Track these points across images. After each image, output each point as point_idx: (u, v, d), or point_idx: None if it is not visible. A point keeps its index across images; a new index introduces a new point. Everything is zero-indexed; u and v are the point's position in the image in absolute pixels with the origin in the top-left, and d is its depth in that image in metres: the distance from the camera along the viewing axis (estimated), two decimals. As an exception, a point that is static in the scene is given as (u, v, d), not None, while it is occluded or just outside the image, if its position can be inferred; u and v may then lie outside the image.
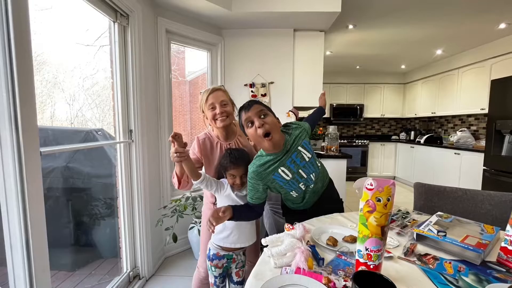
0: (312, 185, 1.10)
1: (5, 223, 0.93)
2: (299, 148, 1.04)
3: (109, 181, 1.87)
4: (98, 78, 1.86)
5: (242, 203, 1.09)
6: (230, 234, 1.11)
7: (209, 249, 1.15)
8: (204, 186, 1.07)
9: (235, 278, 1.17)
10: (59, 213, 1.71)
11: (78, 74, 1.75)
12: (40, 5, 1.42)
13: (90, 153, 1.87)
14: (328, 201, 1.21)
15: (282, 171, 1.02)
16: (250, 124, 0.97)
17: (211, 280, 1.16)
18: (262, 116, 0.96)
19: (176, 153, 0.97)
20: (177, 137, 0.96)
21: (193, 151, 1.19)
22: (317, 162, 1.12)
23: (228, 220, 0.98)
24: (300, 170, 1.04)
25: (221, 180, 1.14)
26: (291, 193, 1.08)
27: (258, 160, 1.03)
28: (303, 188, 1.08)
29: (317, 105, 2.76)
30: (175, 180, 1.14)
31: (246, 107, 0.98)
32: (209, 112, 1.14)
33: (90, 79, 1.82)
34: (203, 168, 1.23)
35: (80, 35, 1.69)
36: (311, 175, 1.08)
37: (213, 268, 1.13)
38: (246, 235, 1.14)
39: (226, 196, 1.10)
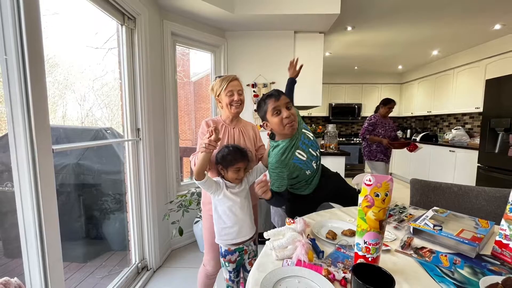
0: (319, 162, 1.26)
1: (20, 217, 0.96)
2: (303, 130, 1.19)
3: (118, 177, 1.93)
4: (107, 79, 1.91)
5: (238, 200, 1.13)
6: (230, 231, 1.14)
7: (220, 247, 1.18)
8: (207, 187, 1.10)
9: (248, 268, 1.21)
10: (71, 207, 1.77)
11: (88, 75, 1.81)
12: (52, 10, 1.47)
13: (100, 150, 1.93)
14: (329, 179, 1.35)
15: (299, 153, 1.15)
16: (277, 113, 1.06)
17: (226, 275, 1.19)
18: (289, 107, 1.07)
19: (209, 143, 1.00)
20: (217, 130, 1.03)
21: (203, 131, 1.24)
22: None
23: (268, 200, 1.09)
24: (310, 149, 1.18)
25: (217, 181, 1.15)
26: (306, 172, 1.19)
27: (277, 149, 1.12)
28: (315, 167, 1.22)
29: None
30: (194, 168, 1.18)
31: (276, 96, 1.07)
32: (226, 97, 1.23)
33: (99, 81, 1.88)
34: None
35: (89, 39, 1.74)
36: (317, 152, 1.22)
37: (226, 263, 1.16)
38: (246, 229, 1.16)
39: (224, 196, 1.13)
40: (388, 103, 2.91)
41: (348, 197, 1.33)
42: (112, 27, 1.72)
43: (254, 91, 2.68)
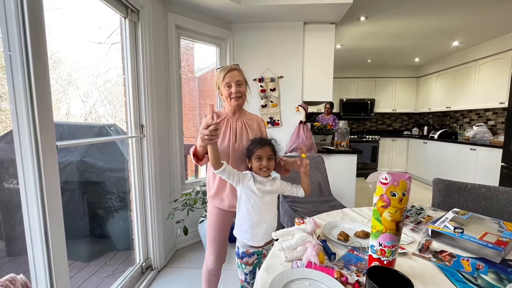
0: None
1: (25, 214, 0.96)
2: None
3: (122, 175, 1.91)
4: (110, 75, 1.89)
5: (263, 198, 1.07)
6: (245, 232, 1.10)
7: (238, 248, 1.14)
8: (226, 176, 1.05)
9: None
10: (74, 205, 1.77)
11: (91, 71, 1.79)
12: (54, 5, 1.44)
13: (104, 148, 1.92)
14: None
15: None
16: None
17: (241, 277, 1.15)
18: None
19: (209, 133, 0.94)
20: (213, 117, 0.96)
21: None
22: None
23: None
24: None
25: (244, 172, 1.11)
26: None
27: None
28: None
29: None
30: (194, 159, 1.14)
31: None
32: (225, 90, 1.19)
33: (102, 76, 1.86)
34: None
35: (92, 33, 1.71)
36: None
37: (243, 265, 1.12)
38: (260, 237, 1.10)
39: (247, 188, 1.07)
40: None
41: None
42: (115, 21, 1.68)
43: (261, 86, 2.59)
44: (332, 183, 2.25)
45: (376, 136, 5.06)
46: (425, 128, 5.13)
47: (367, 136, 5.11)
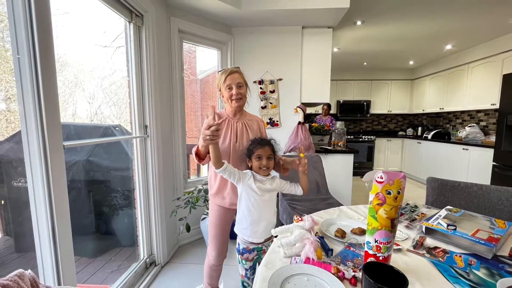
0: None
1: (33, 212, 0.99)
2: None
3: (126, 174, 1.96)
4: (115, 78, 1.94)
5: (263, 196, 1.10)
6: (246, 228, 1.13)
7: (238, 244, 1.17)
8: (227, 175, 1.07)
9: None
10: (81, 203, 1.80)
11: (97, 74, 1.83)
12: (62, 9, 1.49)
13: (109, 147, 1.96)
14: None
15: None
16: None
17: (242, 272, 1.18)
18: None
19: (210, 134, 0.97)
20: (215, 119, 0.99)
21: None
22: None
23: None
24: None
25: (244, 171, 1.13)
26: None
27: None
28: None
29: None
30: (196, 158, 1.17)
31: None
32: (226, 92, 1.22)
33: (108, 79, 1.90)
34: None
35: (98, 37, 1.75)
36: None
37: (243, 261, 1.15)
38: (260, 233, 1.12)
39: (247, 186, 1.10)
40: None
41: None
42: (120, 25, 1.73)
43: (261, 88, 2.66)
44: (330, 182, 2.32)
45: (372, 136, 5.15)
46: (419, 128, 5.23)
47: (363, 136, 5.20)
